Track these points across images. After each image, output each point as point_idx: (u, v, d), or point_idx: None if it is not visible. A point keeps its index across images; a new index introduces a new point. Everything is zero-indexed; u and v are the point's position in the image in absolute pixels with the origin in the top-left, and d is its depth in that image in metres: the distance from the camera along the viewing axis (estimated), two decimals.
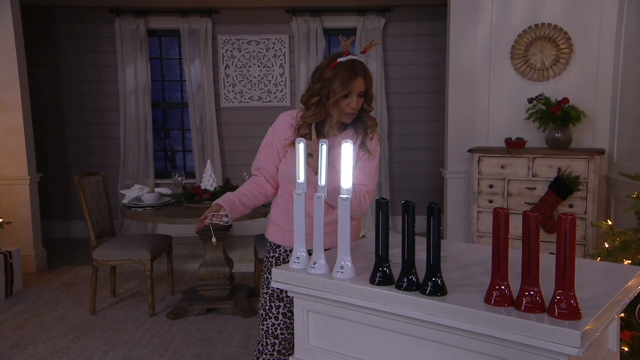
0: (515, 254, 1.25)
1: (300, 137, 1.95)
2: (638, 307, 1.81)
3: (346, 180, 1.43)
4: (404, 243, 1.32)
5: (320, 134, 1.95)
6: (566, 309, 1.11)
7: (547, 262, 1.24)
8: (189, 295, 3.80)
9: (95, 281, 3.64)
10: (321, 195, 1.46)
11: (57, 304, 3.91)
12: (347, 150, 1.42)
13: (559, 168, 3.90)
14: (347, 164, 1.42)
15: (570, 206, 3.88)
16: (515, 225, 1.56)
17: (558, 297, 1.13)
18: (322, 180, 1.48)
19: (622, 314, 1.97)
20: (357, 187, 1.88)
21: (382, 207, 1.36)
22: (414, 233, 1.32)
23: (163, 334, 3.34)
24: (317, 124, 1.95)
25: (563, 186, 3.83)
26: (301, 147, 1.52)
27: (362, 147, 1.96)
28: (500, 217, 1.19)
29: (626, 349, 1.89)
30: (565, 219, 1.11)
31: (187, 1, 5.56)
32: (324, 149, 1.48)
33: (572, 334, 1.05)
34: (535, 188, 3.98)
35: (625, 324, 2.02)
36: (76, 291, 4.16)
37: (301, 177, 1.52)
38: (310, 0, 5.55)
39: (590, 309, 1.15)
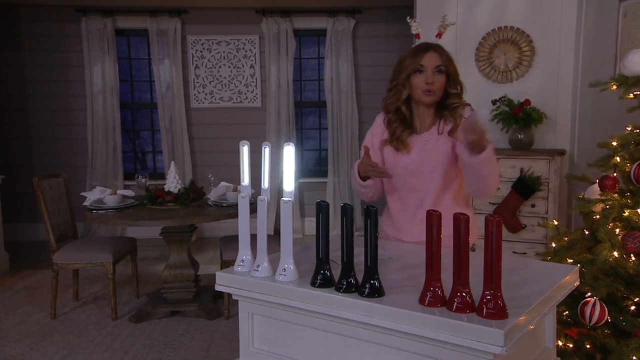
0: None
1: (391, 131, 1.99)
2: (580, 304, 1.85)
3: (289, 183, 1.43)
4: (342, 245, 1.33)
5: (413, 130, 1.96)
6: (493, 308, 1.13)
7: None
8: (153, 298, 3.76)
9: (55, 285, 3.58)
10: (264, 198, 1.46)
11: (17, 308, 3.82)
12: (289, 153, 1.42)
13: (522, 169, 3.97)
14: (289, 167, 1.42)
15: (533, 206, 3.95)
16: (480, 225, 1.53)
17: (487, 298, 1.15)
18: (265, 183, 1.49)
19: (567, 312, 2.01)
20: None
21: (321, 209, 1.36)
22: (352, 235, 1.33)
23: (124, 338, 3.30)
24: (405, 121, 1.96)
25: (525, 186, 3.90)
26: (245, 149, 1.52)
27: (451, 134, 1.90)
28: (433, 219, 1.20)
29: (571, 345, 1.93)
30: (491, 221, 1.13)
31: (155, 1, 5.50)
32: (266, 152, 1.48)
33: (495, 333, 1.07)
34: (499, 188, 4.03)
35: (573, 322, 2.07)
36: (39, 295, 4.08)
37: (246, 180, 1.52)
38: (280, 1, 5.53)
39: (518, 308, 1.18)
